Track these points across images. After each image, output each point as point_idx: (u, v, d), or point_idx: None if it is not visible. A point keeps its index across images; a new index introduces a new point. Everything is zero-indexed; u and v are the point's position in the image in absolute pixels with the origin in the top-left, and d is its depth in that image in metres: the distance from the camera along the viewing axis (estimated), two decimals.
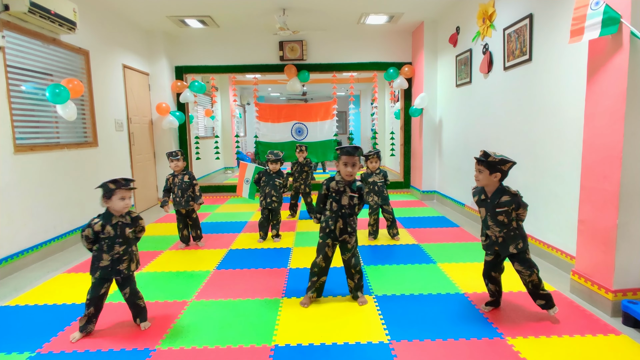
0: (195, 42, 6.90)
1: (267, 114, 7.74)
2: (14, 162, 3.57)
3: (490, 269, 2.54)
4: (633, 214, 2.45)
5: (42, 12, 3.62)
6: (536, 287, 2.44)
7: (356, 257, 2.73)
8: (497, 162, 2.31)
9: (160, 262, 3.69)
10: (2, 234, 3.43)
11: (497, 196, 2.37)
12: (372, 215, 4.15)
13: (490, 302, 2.63)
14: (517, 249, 2.39)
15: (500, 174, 2.34)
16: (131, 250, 2.37)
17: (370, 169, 4.08)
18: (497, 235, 2.41)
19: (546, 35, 3.42)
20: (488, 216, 2.42)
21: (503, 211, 2.35)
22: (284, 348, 2.21)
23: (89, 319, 2.35)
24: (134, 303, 2.44)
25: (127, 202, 2.31)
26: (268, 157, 4.18)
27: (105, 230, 2.27)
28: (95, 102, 4.86)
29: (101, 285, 2.33)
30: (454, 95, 5.63)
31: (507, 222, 2.37)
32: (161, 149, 6.68)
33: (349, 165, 2.57)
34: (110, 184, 2.29)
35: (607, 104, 2.50)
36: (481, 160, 2.35)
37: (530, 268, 2.40)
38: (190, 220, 4.10)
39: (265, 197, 4.15)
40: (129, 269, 2.36)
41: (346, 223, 2.65)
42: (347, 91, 8.96)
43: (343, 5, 5.43)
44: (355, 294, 2.76)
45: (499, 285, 2.59)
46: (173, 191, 3.98)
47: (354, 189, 2.63)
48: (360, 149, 2.60)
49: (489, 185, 2.39)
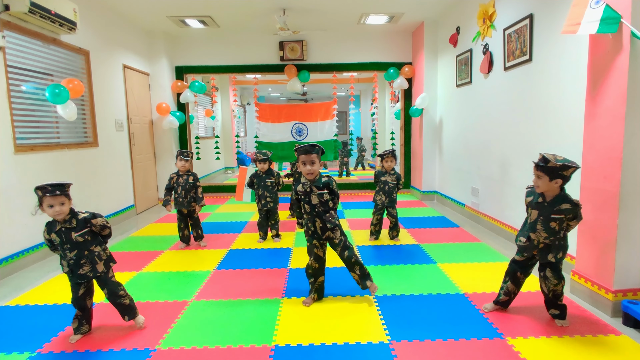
0: (196, 42, 6.90)
1: (268, 114, 7.74)
2: (14, 162, 3.57)
3: (518, 269, 2.46)
4: (633, 214, 2.45)
5: (43, 12, 3.62)
6: (556, 297, 2.40)
7: (349, 249, 2.71)
8: (559, 167, 2.14)
9: (160, 262, 3.69)
10: (2, 233, 3.43)
11: (558, 202, 2.23)
12: (376, 215, 4.14)
13: (500, 301, 2.55)
14: (555, 259, 2.32)
15: (562, 180, 2.18)
16: (89, 253, 2.25)
17: (386, 168, 4.05)
18: (542, 240, 2.31)
19: (546, 36, 3.42)
20: (540, 220, 2.29)
21: (558, 218, 2.24)
22: (284, 348, 2.21)
23: (78, 320, 2.34)
24: (115, 302, 2.38)
25: (57, 210, 2.15)
26: (256, 157, 4.17)
27: (52, 237, 2.22)
28: (95, 102, 4.87)
29: (77, 289, 2.29)
30: (454, 95, 5.63)
31: (558, 230, 2.26)
32: (161, 149, 6.69)
33: (307, 164, 2.57)
34: (38, 189, 2.13)
35: (608, 104, 2.50)
36: (540, 165, 2.19)
37: (560, 279, 2.35)
38: (191, 220, 4.11)
39: (259, 199, 4.16)
40: (93, 271, 2.26)
41: (324, 220, 2.62)
42: (348, 91, 8.96)
43: (343, 5, 5.43)
44: (364, 283, 2.73)
45: (519, 287, 2.52)
46: (176, 191, 3.98)
47: (319, 186, 2.61)
48: (317, 147, 2.58)
49: (551, 191, 2.24)
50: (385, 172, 4.05)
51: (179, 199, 3.97)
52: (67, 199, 2.21)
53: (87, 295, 2.34)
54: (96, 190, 4.81)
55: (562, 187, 2.23)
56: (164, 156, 6.72)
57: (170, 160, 6.72)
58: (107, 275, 2.35)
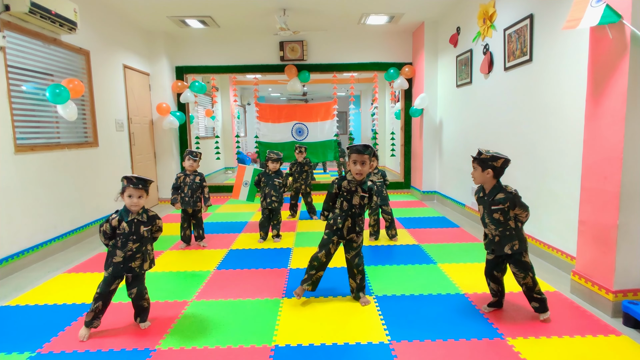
0: (196, 42, 6.91)
1: (268, 114, 7.74)
2: (14, 162, 3.57)
3: (492, 268, 2.55)
4: (633, 214, 2.45)
5: (43, 12, 3.62)
6: (530, 290, 2.45)
7: (360, 257, 2.74)
8: (488, 158, 2.38)
9: (160, 262, 3.69)
10: (2, 233, 3.43)
11: (494, 193, 2.41)
12: (373, 216, 4.14)
13: (492, 302, 2.63)
14: (512, 250, 2.40)
15: (492, 171, 2.38)
16: (145, 249, 2.37)
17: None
18: (494, 233, 2.44)
19: (547, 36, 3.42)
20: (485, 213, 2.46)
21: (499, 209, 2.39)
22: (284, 348, 2.21)
23: (95, 314, 2.34)
24: (138, 304, 2.45)
25: (134, 201, 2.29)
26: (269, 156, 4.18)
27: (121, 226, 2.29)
28: (95, 102, 4.87)
29: (112, 282, 2.34)
30: (455, 95, 5.63)
31: (504, 220, 2.39)
32: (161, 149, 6.69)
33: (358, 164, 2.58)
34: (123, 178, 2.30)
35: (608, 105, 2.50)
36: (474, 157, 2.44)
37: (525, 270, 2.42)
38: (194, 219, 4.12)
39: (265, 198, 4.17)
40: (140, 267, 2.36)
41: (355, 222, 2.66)
42: (348, 91, 8.95)
43: (343, 5, 5.43)
44: (357, 294, 2.76)
45: (501, 285, 2.58)
46: (182, 190, 3.99)
47: (365, 188, 2.64)
48: (370, 148, 2.59)
49: (486, 183, 2.44)
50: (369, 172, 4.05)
51: (186, 199, 3.99)
52: (146, 194, 2.34)
53: (114, 292, 2.38)
54: (96, 190, 4.81)
55: (498, 180, 2.41)
56: (164, 156, 6.72)
57: (170, 160, 6.73)
58: (144, 276, 2.44)
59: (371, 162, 3.95)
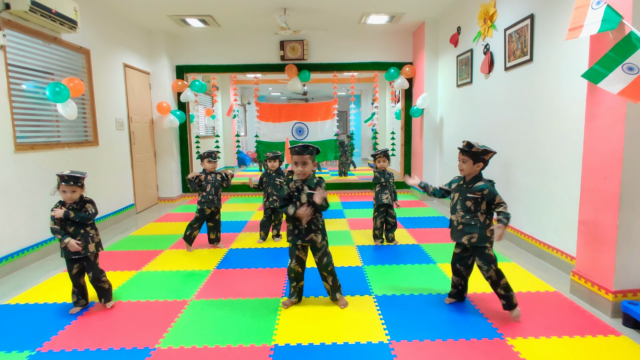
0: (196, 41, 6.90)
1: (268, 113, 7.74)
2: (14, 160, 3.57)
3: (456, 261, 2.62)
4: (633, 214, 2.45)
5: (43, 10, 3.62)
6: (495, 284, 2.47)
7: (327, 256, 2.69)
8: (481, 152, 2.43)
9: (160, 261, 3.69)
10: (2, 232, 3.43)
11: (474, 182, 2.47)
12: (379, 219, 4.09)
13: (452, 293, 2.70)
14: (469, 242, 2.46)
15: (483, 164, 2.45)
16: (84, 232, 2.60)
17: (379, 169, 4.05)
18: (460, 220, 2.49)
19: (547, 36, 3.42)
20: (459, 200, 2.51)
21: (474, 197, 2.44)
22: (283, 348, 2.21)
23: (75, 295, 2.69)
24: (97, 286, 2.69)
25: (68, 196, 2.54)
26: (267, 155, 4.19)
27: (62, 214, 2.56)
28: (96, 101, 4.87)
29: (72, 266, 2.63)
30: (455, 95, 5.63)
31: (473, 210, 2.45)
32: (162, 148, 6.69)
33: (299, 165, 2.58)
34: (57, 175, 2.56)
35: (608, 105, 2.49)
36: (465, 150, 2.45)
37: (487, 263, 2.45)
38: (212, 222, 4.06)
39: (267, 197, 4.17)
40: (85, 249, 2.59)
41: (310, 222, 2.61)
42: (348, 91, 8.95)
43: (344, 5, 5.42)
44: (334, 295, 2.73)
45: (463, 279, 2.64)
46: (204, 188, 3.97)
47: (311, 186, 2.60)
48: (310, 148, 2.58)
49: (471, 174, 2.50)
50: (384, 171, 4.06)
51: (209, 197, 3.95)
52: (80, 188, 2.60)
53: (79, 275, 2.67)
54: (96, 189, 4.80)
55: (480, 170, 2.50)
56: (164, 155, 6.72)
57: (170, 159, 6.73)
58: (96, 259, 2.70)
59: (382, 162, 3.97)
